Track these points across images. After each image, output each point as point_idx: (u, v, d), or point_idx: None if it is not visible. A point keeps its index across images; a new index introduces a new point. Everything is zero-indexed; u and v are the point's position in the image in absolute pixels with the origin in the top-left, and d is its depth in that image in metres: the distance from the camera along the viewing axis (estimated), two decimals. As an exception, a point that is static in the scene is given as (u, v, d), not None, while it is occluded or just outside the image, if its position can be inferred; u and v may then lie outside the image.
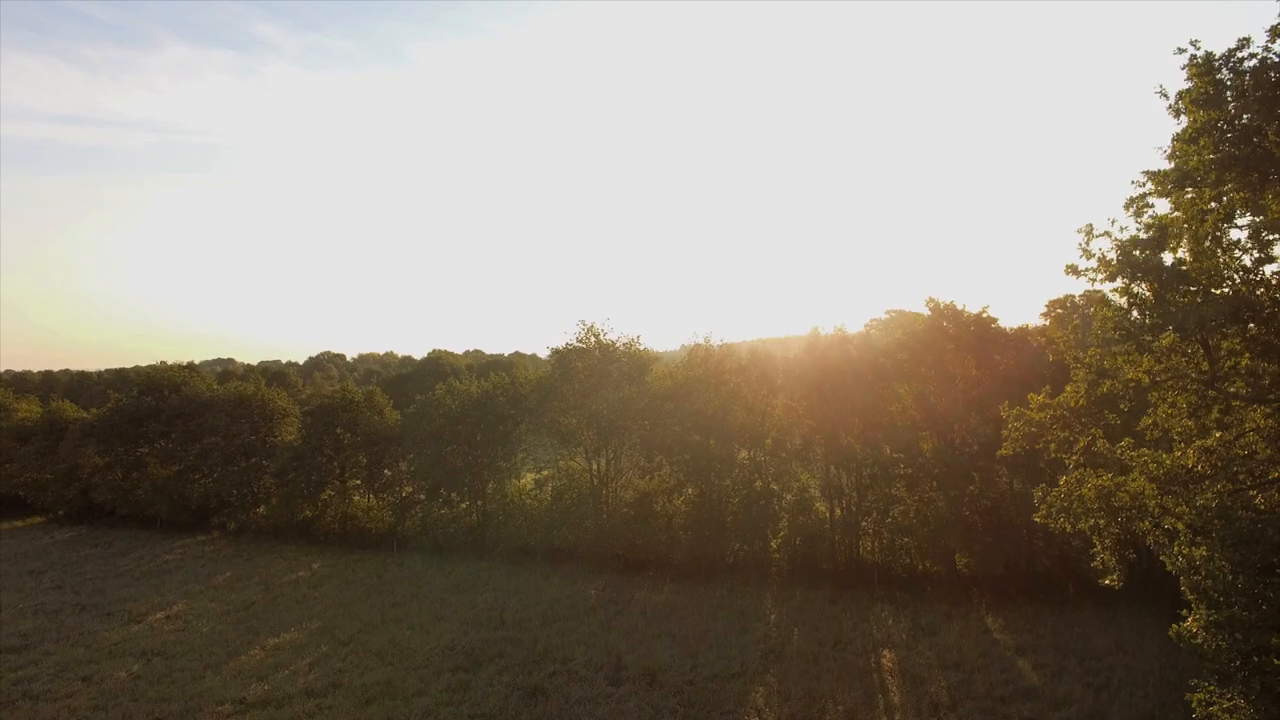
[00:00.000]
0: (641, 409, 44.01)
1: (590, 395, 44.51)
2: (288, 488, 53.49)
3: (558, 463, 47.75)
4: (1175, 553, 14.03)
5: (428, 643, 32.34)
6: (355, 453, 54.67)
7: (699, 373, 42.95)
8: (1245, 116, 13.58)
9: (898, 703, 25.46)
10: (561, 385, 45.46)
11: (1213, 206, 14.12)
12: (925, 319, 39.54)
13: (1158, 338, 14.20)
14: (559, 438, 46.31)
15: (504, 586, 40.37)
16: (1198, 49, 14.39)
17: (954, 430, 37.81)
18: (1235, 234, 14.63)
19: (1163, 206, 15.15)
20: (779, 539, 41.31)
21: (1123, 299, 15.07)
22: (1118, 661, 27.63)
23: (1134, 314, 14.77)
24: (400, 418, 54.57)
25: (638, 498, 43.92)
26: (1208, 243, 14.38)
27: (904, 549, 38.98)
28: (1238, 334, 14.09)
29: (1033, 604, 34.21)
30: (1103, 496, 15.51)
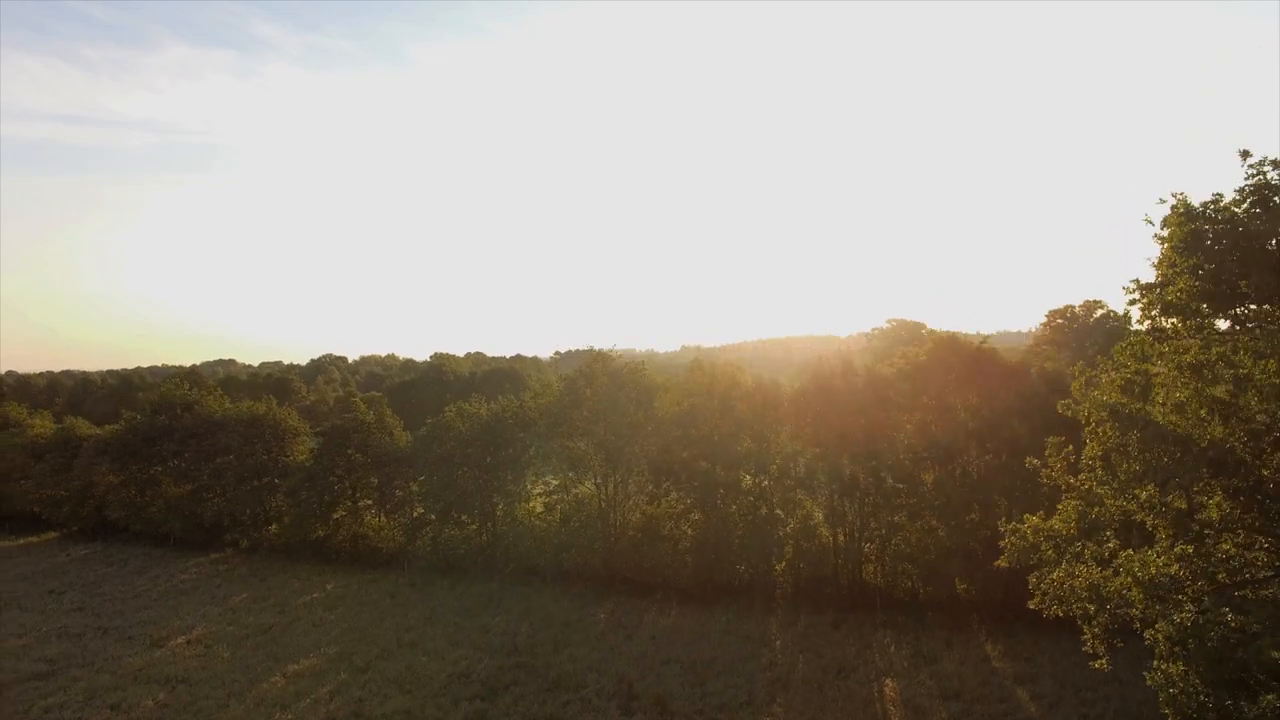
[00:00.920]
0: (649, 434, 45.19)
1: (598, 422, 45.63)
2: (300, 507, 54.53)
3: (569, 489, 48.77)
4: (1155, 668, 15.49)
5: (444, 669, 33.34)
6: (367, 473, 55.73)
7: (704, 401, 43.98)
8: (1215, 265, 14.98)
9: (900, 734, 26.46)
10: (570, 411, 46.60)
11: (1190, 357, 15.41)
12: (926, 349, 40.58)
13: (1143, 486, 15.49)
14: (568, 463, 47.42)
15: (515, 609, 41.37)
16: (1178, 198, 16.03)
17: (955, 461, 38.77)
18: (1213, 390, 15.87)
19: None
20: (783, 563, 42.30)
21: (1111, 435, 16.31)
22: (1113, 692, 28.55)
23: (1116, 455, 16.18)
24: (411, 440, 55.61)
25: (645, 521, 44.95)
26: (1188, 398, 15.74)
27: (905, 574, 39.99)
28: (1217, 485, 15.37)
29: (1031, 631, 35.04)
30: (1092, 588, 16.71)
